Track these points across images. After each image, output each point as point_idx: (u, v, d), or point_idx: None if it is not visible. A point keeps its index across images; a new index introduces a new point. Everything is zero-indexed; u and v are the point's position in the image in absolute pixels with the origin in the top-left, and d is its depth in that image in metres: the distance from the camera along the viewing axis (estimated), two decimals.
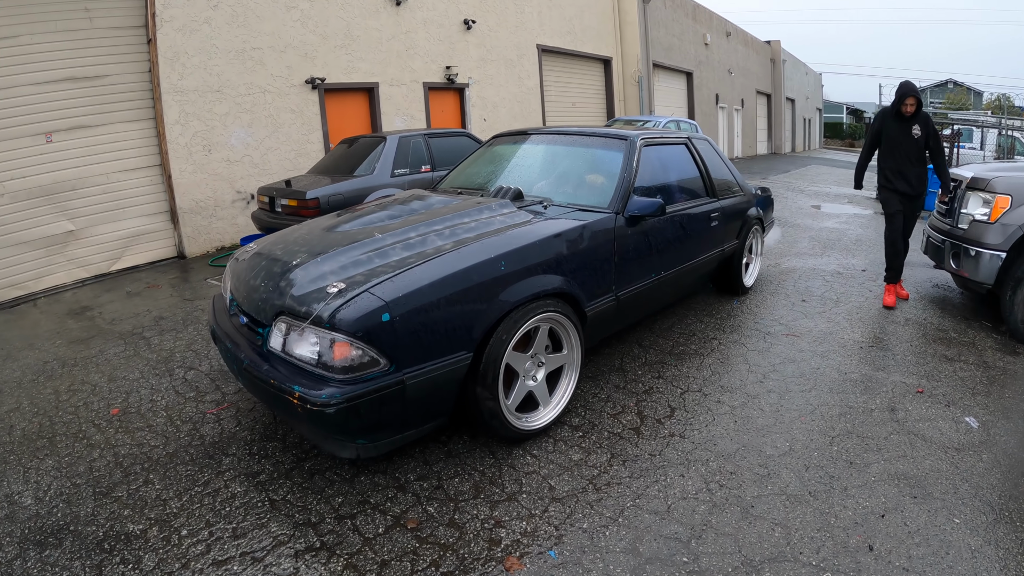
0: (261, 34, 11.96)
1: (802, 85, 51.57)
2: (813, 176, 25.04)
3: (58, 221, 9.75)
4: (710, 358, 5.82)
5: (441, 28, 15.75)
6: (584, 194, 5.36)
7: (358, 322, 3.29)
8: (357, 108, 14.23)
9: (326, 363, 3.33)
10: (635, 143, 5.68)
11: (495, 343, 3.85)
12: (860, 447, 4.28)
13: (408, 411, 3.55)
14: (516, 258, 4.06)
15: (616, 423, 4.58)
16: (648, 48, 24.41)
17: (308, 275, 3.81)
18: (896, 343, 6.28)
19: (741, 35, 37.17)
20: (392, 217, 4.89)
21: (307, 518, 3.45)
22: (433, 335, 3.56)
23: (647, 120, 17.24)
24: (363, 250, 4.06)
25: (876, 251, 10.11)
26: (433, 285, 3.59)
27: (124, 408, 4.96)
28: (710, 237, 6.57)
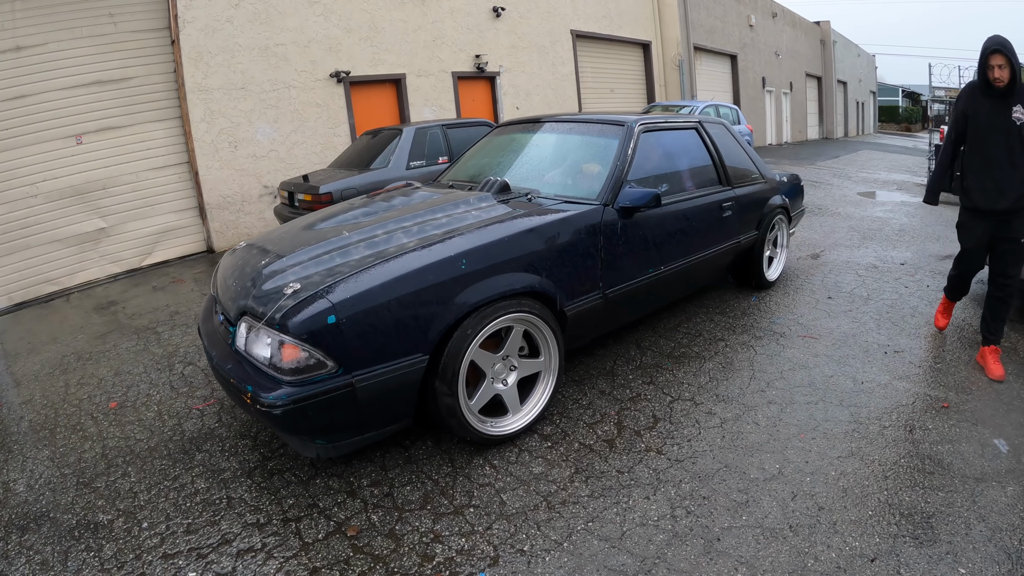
0: (284, 30, 12.12)
1: (854, 67, 50.50)
2: (863, 162, 24.45)
3: (90, 219, 10.12)
4: (711, 362, 5.44)
5: (469, 16, 15.75)
6: (573, 185, 5.20)
7: (303, 324, 3.29)
8: (384, 100, 14.33)
9: (276, 364, 3.35)
10: (632, 129, 5.39)
11: (453, 346, 3.73)
12: (862, 473, 3.80)
13: (363, 413, 3.52)
14: (479, 256, 3.91)
15: (590, 433, 4.31)
16: (688, 31, 24.11)
17: (272, 274, 3.81)
18: (926, 348, 5.73)
19: (788, 16, 36.47)
20: (368, 214, 4.82)
21: (257, 519, 3.51)
22: (384, 337, 3.50)
23: (683, 105, 17.03)
24: (326, 249, 4.03)
25: (919, 242, 9.81)
26: (384, 286, 3.52)
27: (122, 402, 5.15)
28: (722, 228, 6.23)
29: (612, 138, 5.37)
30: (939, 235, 10.33)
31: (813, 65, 41.25)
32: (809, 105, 40.79)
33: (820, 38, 42.63)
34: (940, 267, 8.26)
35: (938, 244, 9.67)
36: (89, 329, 7.29)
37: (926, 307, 6.69)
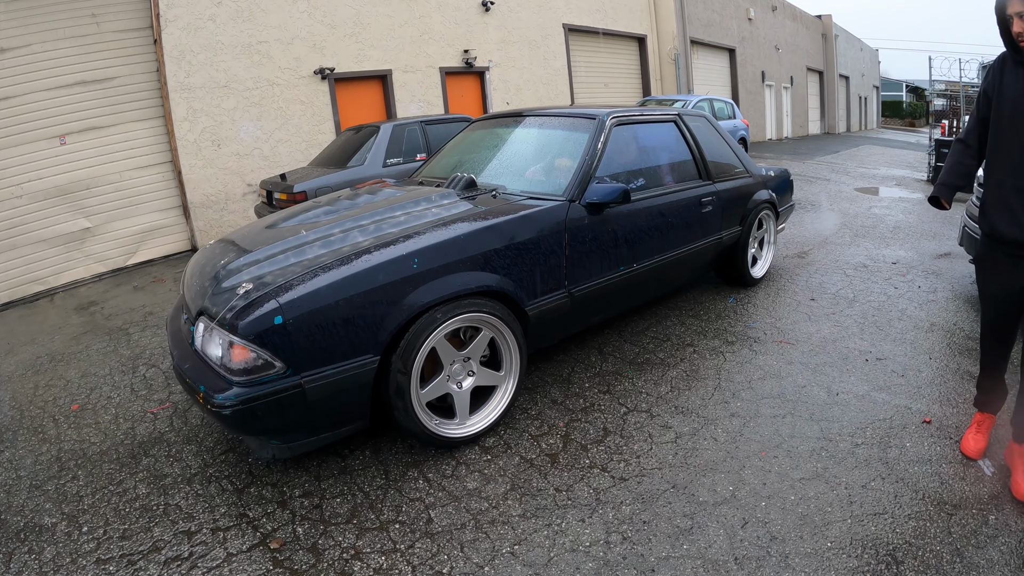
0: (267, 27, 12.13)
1: (857, 62, 50.18)
2: (863, 157, 24.32)
3: (75, 219, 10.19)
4: (676, 370, 5.14)
5: (457, 11, 15.69)
6: (541, 181, 5.08)
7: (250, 325, 3.27)
8: (370, 96, 14.31)
9: (226, 365, 3.35)
10: (603, 122, 5.26)
11: (405, 346, 3.69)
12: (826, 497, 3.48)
13: (313, 414, 3.50)
14: (432, 255, 3.84)
15: (534, 447, 4.08)
16: (685, 24, 23.96)
17: (229, 274, 3.81)
18: (911, 355, 5.37)
19: (788, 9, 36.26)
20: (329, 212, 4.78)
21: (188, 527, 3.47)
22: (333, 338, 3.47)
23: (676, 99, 16.74)
24: (282, 248, 4.03)
25: (914, 240, 9.62)
26: (332, 287, 3.48)
27: (84, 404, 5.15)
28: (701, 225, 6.06)
29: (583, 132, 5.26)
30: (936, 232, 10.17)
31: (814, 59, 41.03)
32: (810, 100, 40.63)
33: (822, 32, 42.34)
34: (934, 266, 8.07)
35: (934, 242, 9.49)
36: (66, 330, 7.32)
37: (915, 310, 6.44)
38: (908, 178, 17.61)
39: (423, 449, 4.05)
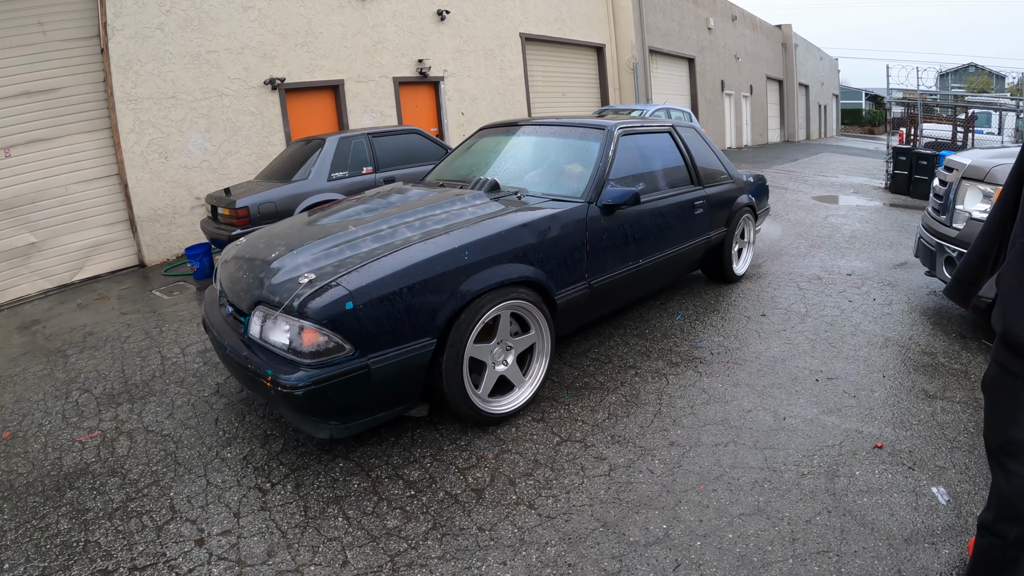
0: (217, 36, 11.90)
1: (816, 70, 50.81)
2: (822, 165, 24.48)
3: (20, 234, 9.88)
4: (615, 395, 4.97)
5: (412, 20, 15.52)
6: (559, 184, 5.63)
7: (323, 310, 3.61)
8: (322, 107, 14.10)
9: (296, 349, 3.65)
10: (612, 132, 5.89)
11: (459, 330, 4.13)
12: (767, 535, 3.32)
13: (375, 394, 3.85)
14: (480, 248, 4.31)
15: (460, 481, 3.94)
16: (644, 34, 23.99)
17: (284, 267, 4.16)
18: (864, 374, 5.25)
19: (748, 19, 36.48)
20: (369, 210, 5.26)
21: (106, 566, 3.35)
22: (397, 322, 3.85)
23: (633, 109, 16.55)
24: (335, 242, 4.40)
25: (870, 249, 9.63)
26: (396, 275, 3.88)
27: (15, 432, 4.97)
28: (695, 225, 6.71)
29: (594, 141, 5.86)
30: (892, 241, 10.21)
31: (774, 68, 41.45)
32: (770, 108, 40.94)
33: (781, 41, 42.81)
34: (890, 277, 8.06)
35: (891, 251, 9.51)
36: (7, 351, 7.06)
37: (869, 324, 6.37)
38: (866, 186, 17.76)
39: (345, 483, 3.94)
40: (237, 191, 9.29)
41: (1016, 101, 18.96)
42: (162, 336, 6.79)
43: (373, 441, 4.36)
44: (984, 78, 67.79)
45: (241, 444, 4.42)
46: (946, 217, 5.99)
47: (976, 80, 66.50)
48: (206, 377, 5.61)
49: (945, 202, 6.05)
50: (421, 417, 4.63)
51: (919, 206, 13.95)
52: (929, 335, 6.06)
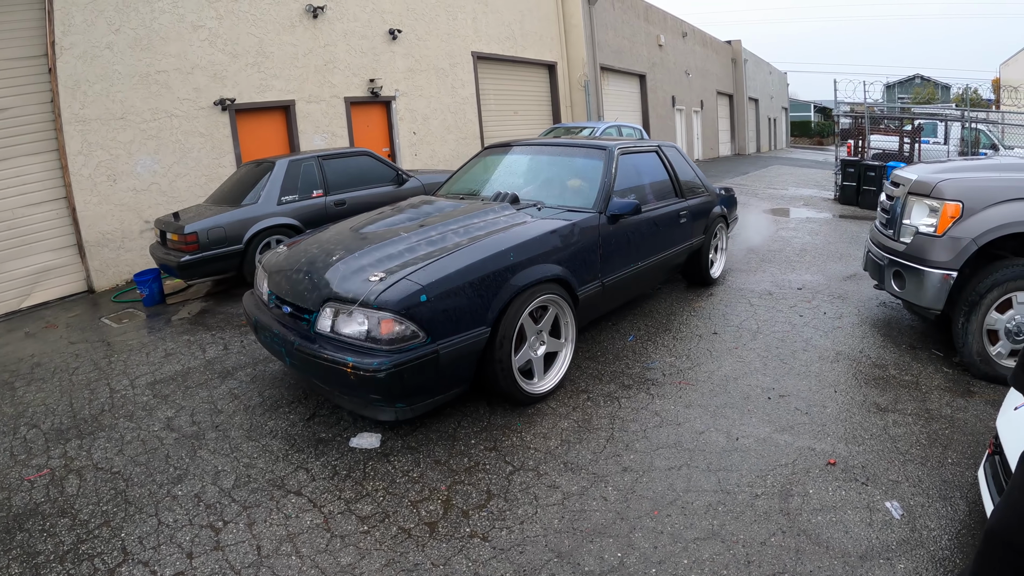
0: (166, 56, 11.70)
1: (766, 84, 51.65)
2: (772, 178, 24.81)
3: None
4: (567, 420, 4.95)
5: (364, 39, 15.43)
6: (571, 197, 6.41)
7: (401, 302, 4.21)
8: (273, 128, 13.92)
9: (375, 337, 4.22)
10: (613, 152, 6.71)
11: (508, 320, 4.78)
12: (721, 559, 3.31)
13: (439, 377, 4.46)
14: (522, 250, 5.03)
15: (413, 514, 3.88)
16: (595, 51, 24.11)
17: (349, 268, 4.73)
18: (815, 390, 5.29)
19: (699, 35, 37.01)
20: (411, 219, 5.94)
21: None
22: (459, 313, 4.49)
23: (584, 127, 16.60)
24: (395, 247, 5.02)
25: (821, 262, 9.76)
26: (458, 272, 4.55)
27: None
28: (680, 232, 7.53)
29: (598, 159, 6.67)
30: (842, 253, 10.35)
31: (724, 83, 42.00)
32: (721, 122, 41.41)
33: (731, 57, 43.53)
34: (840, 290, 8.18)
35: (841, 264, 9.65)
36: None
37: (820, 339, 6.44)
38: (816, 198, 18.00)
39: (298, 519, 3.87)
40: (186, 215, 9.16)
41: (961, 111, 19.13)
42: (111, 367, 6.63)
43: (325, 475, 4.30)
44: (930, 89, 69.04)
45: (192, 481, 4.33)
46: (893, 231, 6.05)
47: (922, 91, 67.68)
48: (156, 410, 5.49)
49: (892, 216, 6.12)
50: (373, 449, 4.59)
51: (868, 216, 14.18)
52: (880, 347, 6.15)
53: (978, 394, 5.17)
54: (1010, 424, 3.21)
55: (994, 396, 5.09)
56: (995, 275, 5.29)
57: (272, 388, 5.75)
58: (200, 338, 7.30)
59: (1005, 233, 5.24)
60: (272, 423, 5.07)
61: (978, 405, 4.99)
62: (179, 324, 7.96)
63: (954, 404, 4.97)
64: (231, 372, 6.20)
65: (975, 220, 5.29)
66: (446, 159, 17.56)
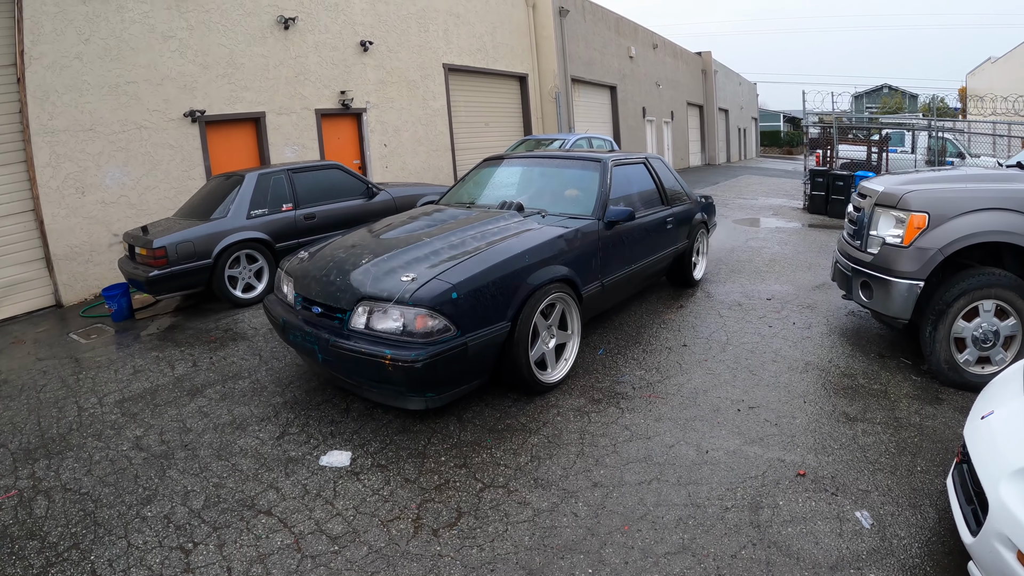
0: (136, 67, 11.57)
1: (736, 95, 52.21)
2: (742, 187, 25.00)
3: None
4: (537, 436, 4.94)
5: (335, 51, 15.38)
6: (571, 205, 6.89)
7: (435, 299, 4.66)
8: (243, 140, 13.82)
9: (410, 331, 4.63)
10: (607, 164, 7.24)
11: (525, 315, 5.25)
12: (693, 573, 3.29)
13: (466, 368, 4.91)
14: (535, 253, 5.55)
15: (383, 534, 3.83)
16: (566, 63, 24.22)
17: (380, 270, 5.13)
18: (785, 400, 5.31)
19: (669, 47, 37.24)
20: (429, 226, 6.37)
21: None
22: (485, 309, 4.96)
23: (555, 138, 16.66)
24: (420, 251, 5.46)
25: (790, 272, 9.82)
26: (483, 272, 5.03)
27: None
28: (667, 237, 8.11)
29: (594, 171, 7.21)
30: (811, 263, 10.42)
31: (695, 94, 42.31)
32: (691, 133, 41.74)
33: (702, 68, 43.94)
34: (809, 299, 8.24)
35: (810, 273, 9.72)
36: None
37: (789, 349, 6.49)
38: (785, 207, 18.13)
39: (268, 540, 3.81)
40: (155, 229, 9.04)
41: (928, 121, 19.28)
42: (79, 384, 6.53)
43: (296, 495, 4.26)
44: (898, 98, 69.78)
45: (162, 501, 4.27)
46: (860, 242, 6.14)
47: (890, 100, 68.34)
48: (124, 429, 5.41)
49: (859, 228, 6.21)
50: (343, 467, 4.55)
51: (837, 226, 14.27)
52: (848, 356, 6.20)
53: (946, 401, 5.23)
54: (977, 433, 3.27)
55: (962, 403, 5.14)
56: (961, 284, 5.38)
57: (242, 406, 5.71)
58: (169, 354, 7.22)
59: (971, 243, 5.33)
60: (242, 441, 5.03)
61: (947, 412, 5.04)
62: (148, 340, 7.89)
63: (923, 412, 5.02)
64: (200, 389, 6.14)
65: (941, 231, 5.38)
66: (417, 171, 17.56)
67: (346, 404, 5.57)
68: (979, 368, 5.48)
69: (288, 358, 6.75)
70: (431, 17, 18.27)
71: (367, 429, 5.10)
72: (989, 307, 5.38)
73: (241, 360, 6.85)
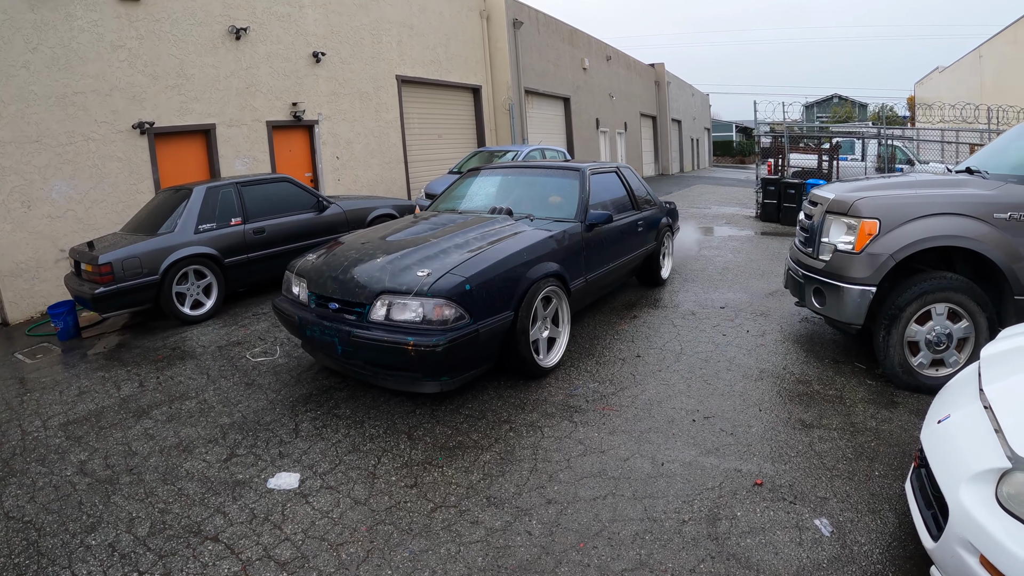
0: (84, 77, 11.32)
1: (689, 106, 52.69)
2: (695, 197, 25.22)
3: None
4: (490, 452, 4.85)
5: (287, 62, 15.22)
6: (555, 210, 7.52)
7: (451, 291, 5.17)
8: (193, 152, 13.58)
9: (429, 320, 5.12)
10: (586, 172, 7.92)
11: (526, 304, 5.81)
12: None
13: (478, 352, 5.43)
14: (531, 251, 6.14)
15: (334, 558, 3.71)
16: (520, 75, 24.28)
17: (396, 267, 5.60)
18: (740, 409, 5.29)
19: (623, 59, 37.44)
20: (431, 229, 6.86)
21: None
22: (494, 299, 5.50)
23: (508, 150, 16.60)
24: (429, 250, 5.95)
25: (743, 280, 9.89)
26: (491, 267, 5.59)
27: None
28: (638, 239, 8.80)
29: (574, 179, 7.87)
30: (764, 271, 10.51)
31: (648, 105, 42.60)
32: (644, 144, 41.93)
33: (655, 79, 44.33)
34: (763, 306, 8.29)
35: (763, 281, 9.80)
36: None
37: (744, 357, 6.50)
38: (738, 215, 18.29)
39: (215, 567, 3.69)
40: (101, 245, 8.82)
41: (878, 129, 19.53)
42: (23, 407, 6.35)
43: (243, 519, 4.15)
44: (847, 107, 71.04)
45: (107, 529, 4.15)
46: (812, 249, 6.18)
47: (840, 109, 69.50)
48: (68, 453, 5.26)
49: (811, 235, 6.26)
50: (291, 490, 4.44)
51: (789, 233, 14.49)
52: (803, 363, 6.23)
53: (902, 405, 5.27)
54: (934, 437, 3.29)
55: (918, 406, 5.19)
56: (913, 288, 5.44)
57: (188, 427, 5.58)
58: (115, 374, 7.04)
59: (922, 248, 5.41)
60: (188, 464, 4.90)
61: (902, 416, 5.08)
62: (95, 359, 7.71)
63: (878, 416, 5.04)
64: (146, 411, 5.99)
65: (892, 236, 5.44)
66: (370, 184, 17.46)
67: (295, 424, 5.47)
68: (933, 371, 5.56)
69: (236, 376, 6.65)
70: (384, 28, 18.19)
71: (316, 450, 4.99)
72: (942, 310, 5.46)
73: (188, 379, 6.70)
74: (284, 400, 5.92)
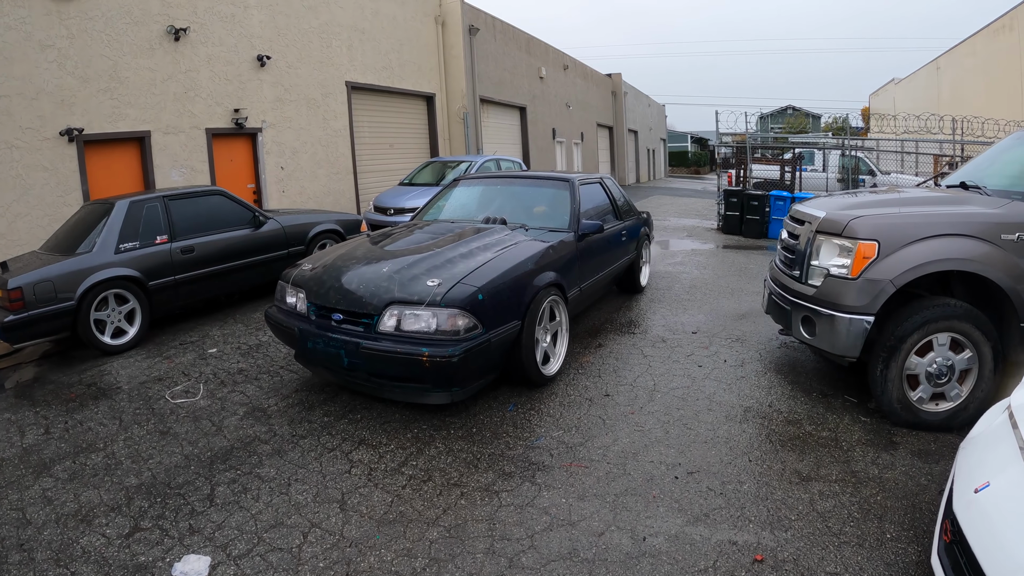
0: (9, 79, 10.62)
1: (645, 116, 53.29)
2: (654, 208, 24.92)
3: None
4: (437, 528, 3.98)
5: (229, 66, 14.56)
6: (547, 220, 7.56)
7: (464, 300, 5.22)
8: (126, 161, 12.85)
9: (443, 330, 5.13)
10: (575, 183, 8.06)
11: (532, 312, 5.85)
12: None
13: (488, 361, 5.44)
14: (535, 260, 6.21)
15: None
16: (475, 83, 23.89)
17: (404, 276, 5.53)
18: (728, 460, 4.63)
19: (580, 68, 37.48)
20: (431, 237, 6.85)
21: None
22: (503, 308, 5.57)
23: (461, 161, 16.16)
24: (435, 259, 5.90)
25: (712, 299, 9.48)
26: (500, 276, 5.66)
27: None
28: (622, 248, 9.06)
29: (565, 190, 7.96)
30: (733, 288, 10.13)
31: (604, 115, 42.82)
32: (601, 154, 42.26)
33: (612, 89, 44.63)
34: (737, 331, 7.78)
35: (732, 300, 9.37)
36: None
37: (724, 393, 5.86)
38: (699, 228, 18.07)
39: None
40: (15, 265, 7.99)
41: (841, 139, 19.53)
42: None
43: None
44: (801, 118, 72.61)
45: None
46: (800, 273, 5.61)
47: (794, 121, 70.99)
48: None
49: (797, 257, 5.69)
50: None
51: (753, 246, 14.43)
52: (789, 398, 5.70)
53: (902, 445, 4.80)
54: (973, 510, 2.73)
55: (918, 446, 4.77)
56: (915, 317, 4.92)
57: (91, 488, 4.72)
58: (21, 417, 6.16)
59: (926, 272, 4.91)
60: (85, 539, 4.07)
61: (904, 458, 4.59)
62: (3, 398, 6.76)
63: (880, 461, 4.52)
64: (48, 466, 5.12)
65: (893, 260, 4.93)
66: (317, 196, 16.90)
67: (210, 488, 4.60)
68: (933, 405, 5.07)
69: (152, 423, 5.82)
70: (334, 32, 17.66)
71: (232, 523, 4.14)
72: (944, 340, 4.96)
73: (99, 425, 5.83)
74: (201, 455, 5.07)
